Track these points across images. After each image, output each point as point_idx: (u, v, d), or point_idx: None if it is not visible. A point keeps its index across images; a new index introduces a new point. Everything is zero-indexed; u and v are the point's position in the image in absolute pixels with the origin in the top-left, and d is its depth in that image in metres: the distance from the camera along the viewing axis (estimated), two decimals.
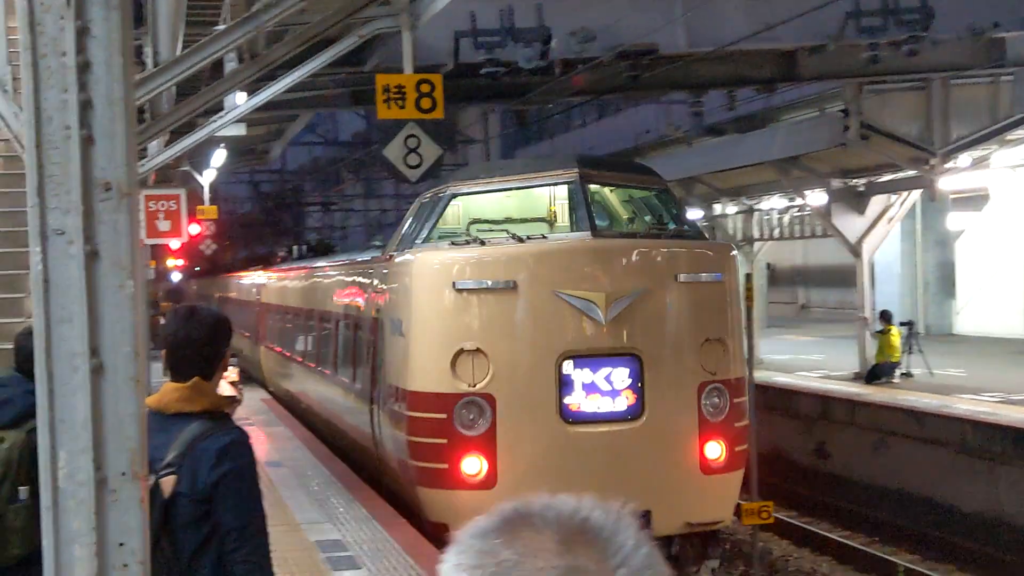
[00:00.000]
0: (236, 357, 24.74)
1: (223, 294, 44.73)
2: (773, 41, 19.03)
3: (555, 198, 14.98)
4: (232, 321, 5.52)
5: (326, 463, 17.35)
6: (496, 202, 15.21)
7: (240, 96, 14.37)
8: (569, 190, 14.18)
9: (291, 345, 24.74)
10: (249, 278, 37.83)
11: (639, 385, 13.08)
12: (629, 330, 13.05)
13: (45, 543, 3.25)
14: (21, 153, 3.75)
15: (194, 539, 4.84)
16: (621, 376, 13.07)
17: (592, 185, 14.30)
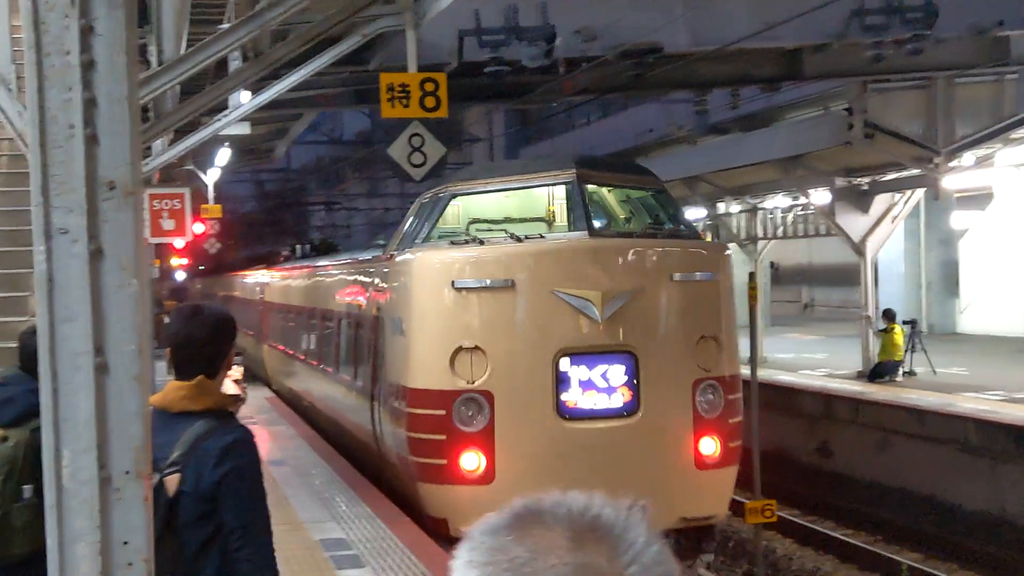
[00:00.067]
0: (240, 356, 24.77)
1: (227, 293, 44.73)
2: (776, 40, 19.01)
3: (553, 198, 15.09)
4: (236, 320, 5.52)
5: (329, 461, 17.35)
6: (496, 202, 15.31)
7: (244, 95, 14.37)
8: (567, 190, 14.30)
9: (294, 343, 24.83)
10: (252, 277, 37.82)
11: (635, 382, 13.21)
12: (625, 328, 13.18)
13: (49, 542, 3.25)
14: (25, 152, 3.76)
15: (198, 537, 4.84)
16: (617, 373, 13.21)
17: (590, 185, 14.41)
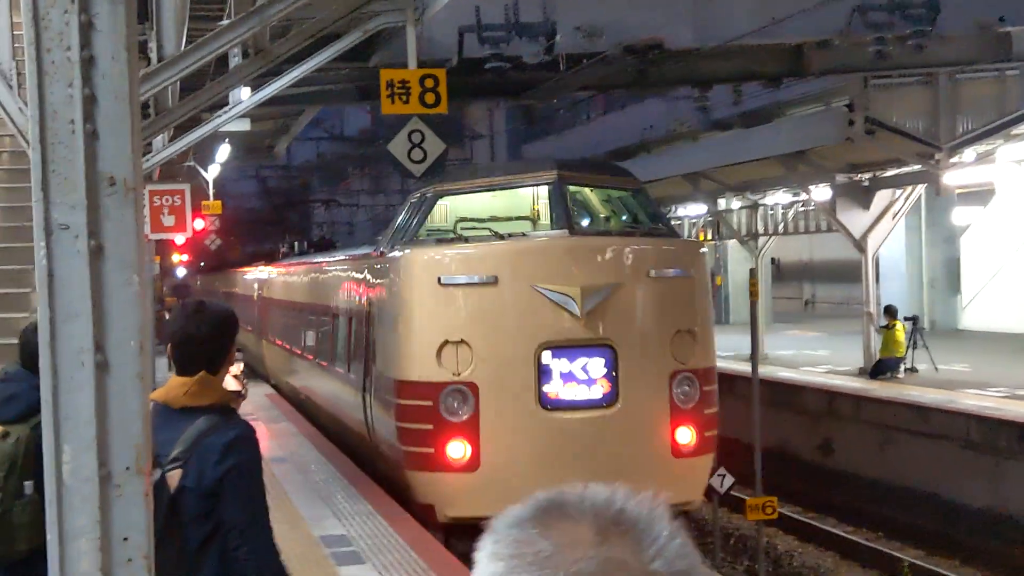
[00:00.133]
0: (241, 352, 24.83)
1: (227, 289, 44.78)
2: (779, 36, 19.01)
3: (538, 198, 15.59)
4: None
5: (329, 458, 17.38)
6: (483, 201, 15.88)
7: (245, 91, 14.37)
8: (549, 191, 14.80)
9: (291, 339, 25.36)
10: (251, 274, 37.90)
11: (613, 374, 13.67)
12: (604, 322, 13.63)
13: (49, 538, 3.24)
14: (26, 148, 3.76)
15: (200, 533, 4.85)
16: (596, 365, 13.67)
17: (571, 186, 14.90)
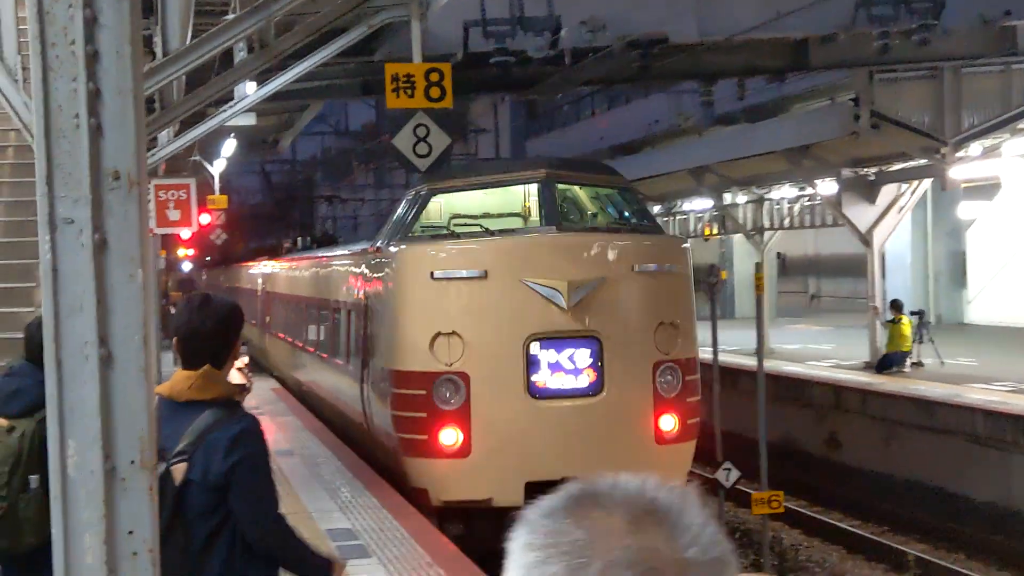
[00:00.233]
0: (246, 345, 24.90)
1: (231, 284, 44.85)
2: (784, 30, 18.97)
3: (528, 195, 16.00)
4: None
5: (336, 452, 17.42)
6: (477, 199, 16.35)
7: (250, 86, 14.36)
8: (538, 189, 15.29)
9: (294, 332, 25.89)
10: (255, 268, 38.06)
11: (599, 364, 14.17)
12: (590, 315, 14.13)
13: (55, 532, 3.25)
14: (31, 143, 3.76)
15: (206, 526, 4.86)
16: (583, 356, 14.18)
17: (560, 184, 15.45)
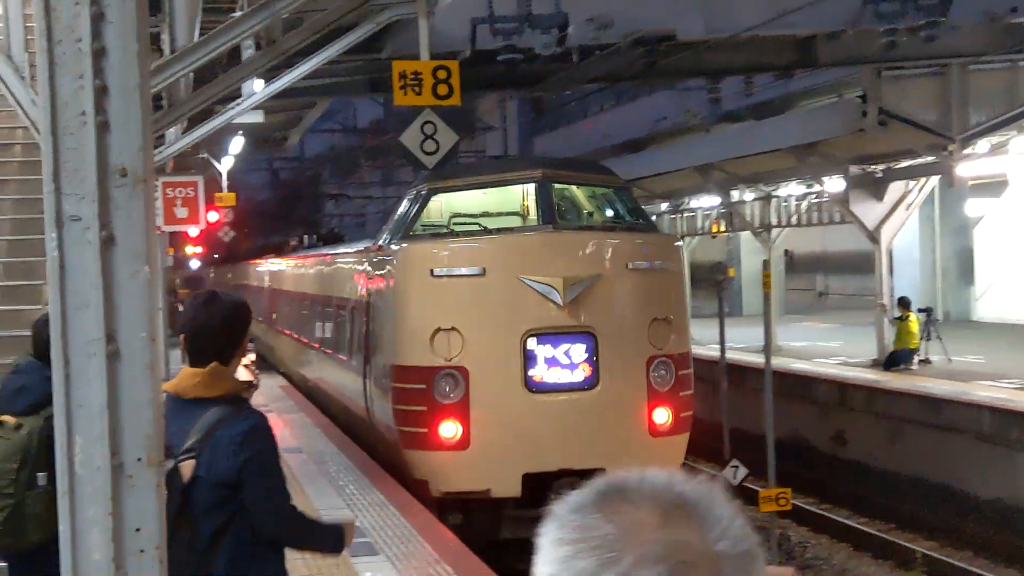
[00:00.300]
0: (253, 342, 24.98)
1: (238, 281, 44.96)
2: (790, 27, 18.94)
3: (527, 195, 16.26)
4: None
5: (343, 449, 17.45)
6: (477, 198, 16.68)
7: (257, 83, 14.39)
8: (535, 188, 15.59)
9: (298, 328, 26.27)
10: (261, 266, 38.26)
11: (594, 359, 14.48)
12: (585, 311, 14.45)
13: (62, 529, 3.26)
14: (39, 140, 3.77)
15: (214, 523, 4.86)
16: (578, 351, 14.50)
17: (557, 184, 15.80)
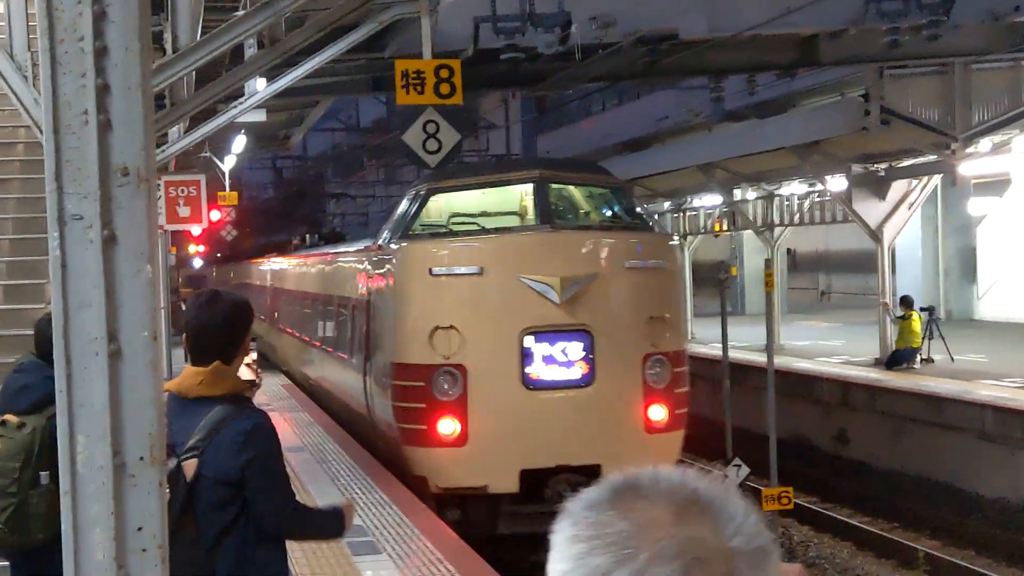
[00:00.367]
0: (255, 341, 25.02)
1: (240, 280, 45.00)
2: (793, 26, 18.95)
3: (525, 195, 16.45)
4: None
5: (345, 448, 17.46)
6: (476, 198, 16.84)
7: (260, 82, 14.36)
8: (533, 188, 15.81)
9: (299, 327, 26.48)
10: (264, 264, 38.33)
11: (591, 356, 14.63)
12: (582, 309, 14.61)
13: (64, 528, 3.25)
14: (41, 139, 3.77)
15: (217, 523, 4.86)
16: (575, 349, 14.65)
17: (554, 184, 16.02)
